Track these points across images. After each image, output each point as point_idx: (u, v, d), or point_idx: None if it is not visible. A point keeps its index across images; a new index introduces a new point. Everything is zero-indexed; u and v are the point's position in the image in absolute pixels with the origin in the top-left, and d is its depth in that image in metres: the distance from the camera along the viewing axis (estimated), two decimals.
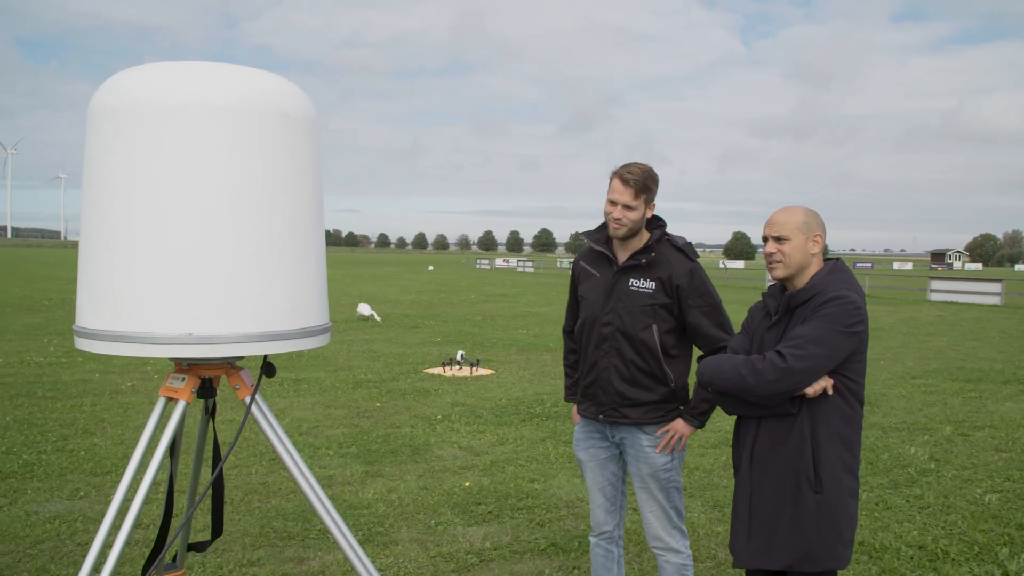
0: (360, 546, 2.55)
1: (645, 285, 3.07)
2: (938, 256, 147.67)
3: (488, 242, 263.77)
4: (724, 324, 3.09)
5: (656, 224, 3.16)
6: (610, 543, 3.35)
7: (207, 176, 2.14)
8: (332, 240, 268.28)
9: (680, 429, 3.12)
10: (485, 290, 31.52)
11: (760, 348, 2.68)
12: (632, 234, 3.08)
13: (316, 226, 2.38)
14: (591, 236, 3.24)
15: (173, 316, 2.13)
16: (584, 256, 3.31)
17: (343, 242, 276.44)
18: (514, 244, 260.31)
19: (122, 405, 8.08)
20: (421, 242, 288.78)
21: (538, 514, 5.03)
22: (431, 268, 63.45)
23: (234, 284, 2.17)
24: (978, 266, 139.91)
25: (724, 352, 2.86)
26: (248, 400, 2.42)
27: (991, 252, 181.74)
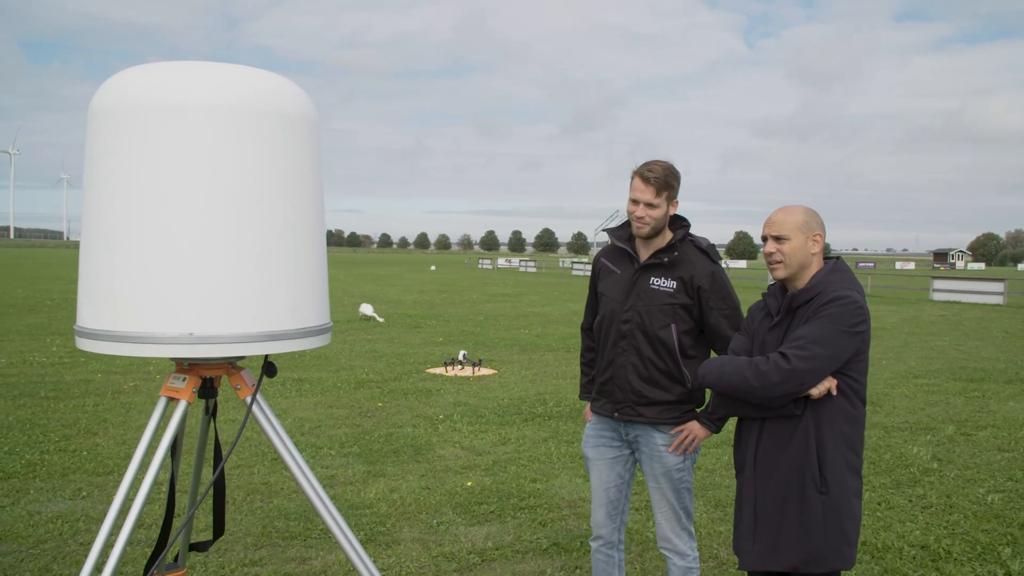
0: (362, 546, 2.55)
1: (666, 284, 3.06)
2: (941, 256, 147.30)
3: (490, 242, 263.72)
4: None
5: (680, 224, 3.15)
6: (610, 548, 3.33)
7: (207, 176, 2.13)
8: (334, 240, 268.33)
9: (695, 431, 3.09)
10: (487, 290, 31.51)
11: (761, 349, 2.67)
12: (656, 232, 3.07)
13: (317, 226, 2.38)
14: (614, 233, 3.22)
15: (173, 316, 2.12)
16: (605, 253, 3.29)
17: (345, 242, 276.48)
18: (516, 244, 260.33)
19: (124, 405, 8.09)
20: (423, 242, 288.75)
21: (540, 514, 5.03)
22: (433, 268, 63.43)
23: (234, 284, 2.16)
24: (981, 266, 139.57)
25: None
26: (249, 400, 2.42)
27: (994, 252, 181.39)
